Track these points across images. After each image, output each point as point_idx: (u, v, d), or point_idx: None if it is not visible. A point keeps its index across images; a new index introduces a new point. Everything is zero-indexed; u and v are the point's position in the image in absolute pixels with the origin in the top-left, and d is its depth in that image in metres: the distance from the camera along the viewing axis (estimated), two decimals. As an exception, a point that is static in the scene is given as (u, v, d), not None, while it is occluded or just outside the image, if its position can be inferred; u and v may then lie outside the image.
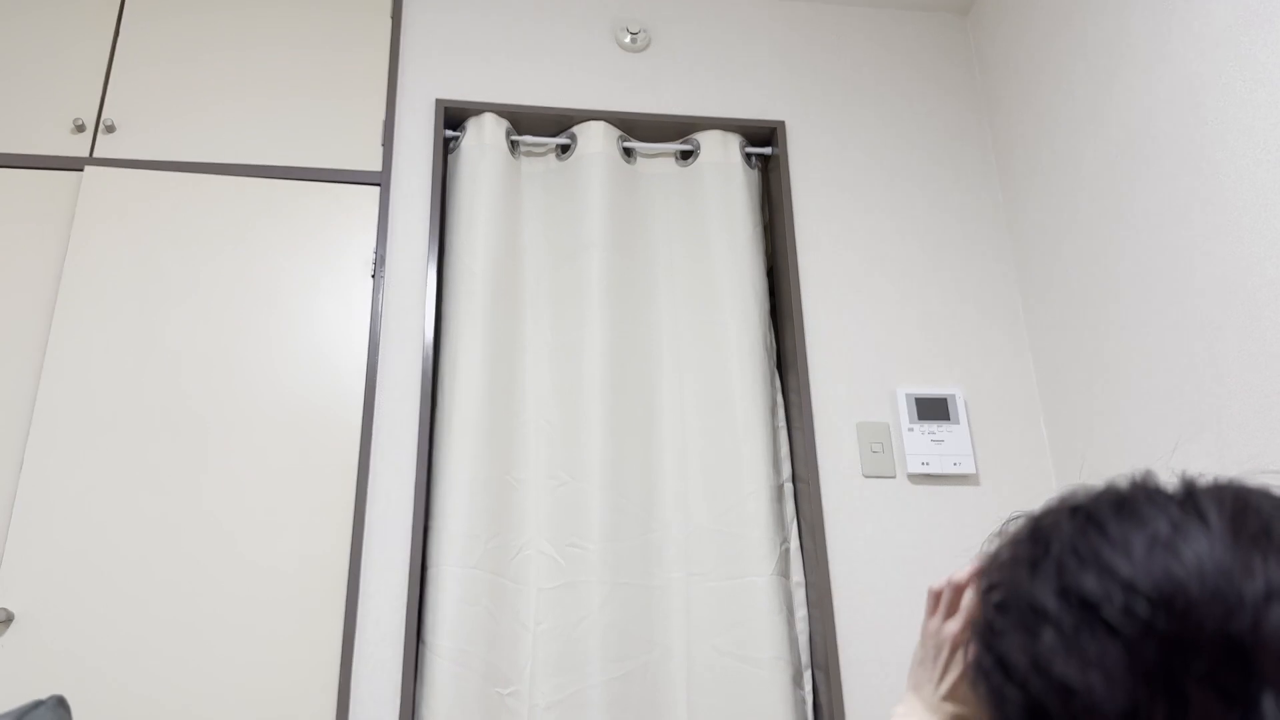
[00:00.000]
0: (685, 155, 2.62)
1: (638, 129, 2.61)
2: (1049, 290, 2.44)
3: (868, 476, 2.33)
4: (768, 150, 2.67)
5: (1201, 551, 0.53)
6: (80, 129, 2.37)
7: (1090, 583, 0.55)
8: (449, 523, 2.14)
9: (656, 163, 2.62)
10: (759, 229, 2.56)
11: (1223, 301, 1.87)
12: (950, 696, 0.82)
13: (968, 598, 0.81)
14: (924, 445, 2.35)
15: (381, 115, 2.50)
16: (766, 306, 2.47)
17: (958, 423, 2.38)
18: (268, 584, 2.06)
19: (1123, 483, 0.61)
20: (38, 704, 1.02)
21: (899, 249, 2.58)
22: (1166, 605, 0.52)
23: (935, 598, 0.85)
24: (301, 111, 2.49)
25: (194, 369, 2.20)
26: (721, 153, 2.58)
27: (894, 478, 2.34)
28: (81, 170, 2.33)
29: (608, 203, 2.46)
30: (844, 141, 2.68)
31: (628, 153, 2.59)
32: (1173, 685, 0.50)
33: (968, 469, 2.34)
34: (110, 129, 2.39)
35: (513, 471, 2.24)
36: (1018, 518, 0.65)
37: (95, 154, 2.37)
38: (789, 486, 2.36)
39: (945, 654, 0.82)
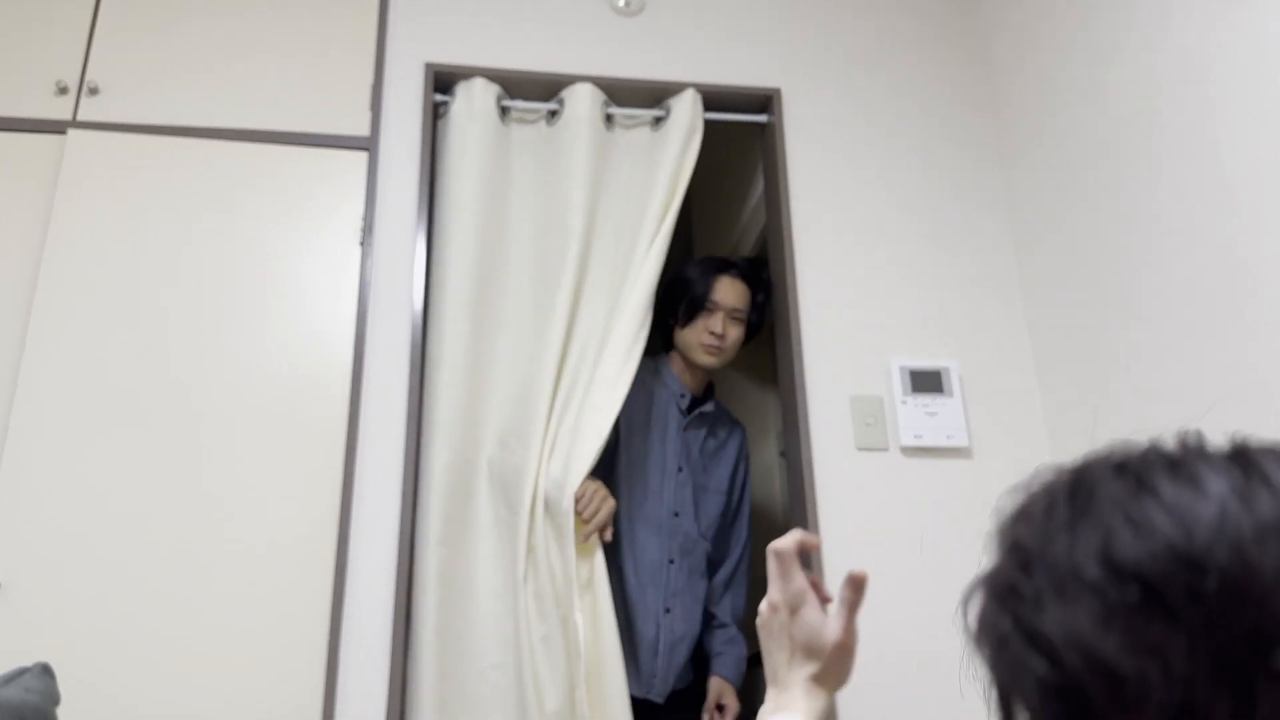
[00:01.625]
0: (658, 121, 2.56)
1: (629, 95, 2.57)
2: (1046, 264, 2.43)
3: (860, 449, 2.32)
4: (763, 118, 2.64)
5: (1274, 523, 0.46)
6: (63, 91, 2.33)
7: (1144, 555, 0.47)
8: (431, 500, 2.14)
9: (636, 128, 2.56)
10: (679, 196, 2.46)
11: (1221, 276, 1.86)
12: (795, 659, 0.90)
13: (771, 560, 0.91)
14: (918, 418, 2.34)
15: (369, 79, 2.46)
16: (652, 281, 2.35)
17: (952, 396, 2.37)
18: (255, 553, 2.05)
19: (1170, 442, 0.54)
20: (23, 670, 1.00)
21: (895, 220, 2.55)
22: (1239, 588, 0.44)
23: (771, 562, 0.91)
24: (288, 74, 2.44)
25: (179, 337, 2.17)
26: (690, 115, 2.51)
27: (887, 451, 2.33)
28: (64, 133, 2.29)
29: (588, 169, 2.42)
30: (841, 110, 2.64)
31: (610, 119, 2.55)
32: (1240, 680, 0.43)
33: (961, 442, 2.33)
34: (94, 91, 2.34)
35: (481, 447, 2.23)
36: (1042, 474, 0.57)
37: (79, 117, 2.32)
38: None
39: (773, 619, 0.91)
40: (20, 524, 1.99)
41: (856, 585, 0.91)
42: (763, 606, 0.94)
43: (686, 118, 2.50)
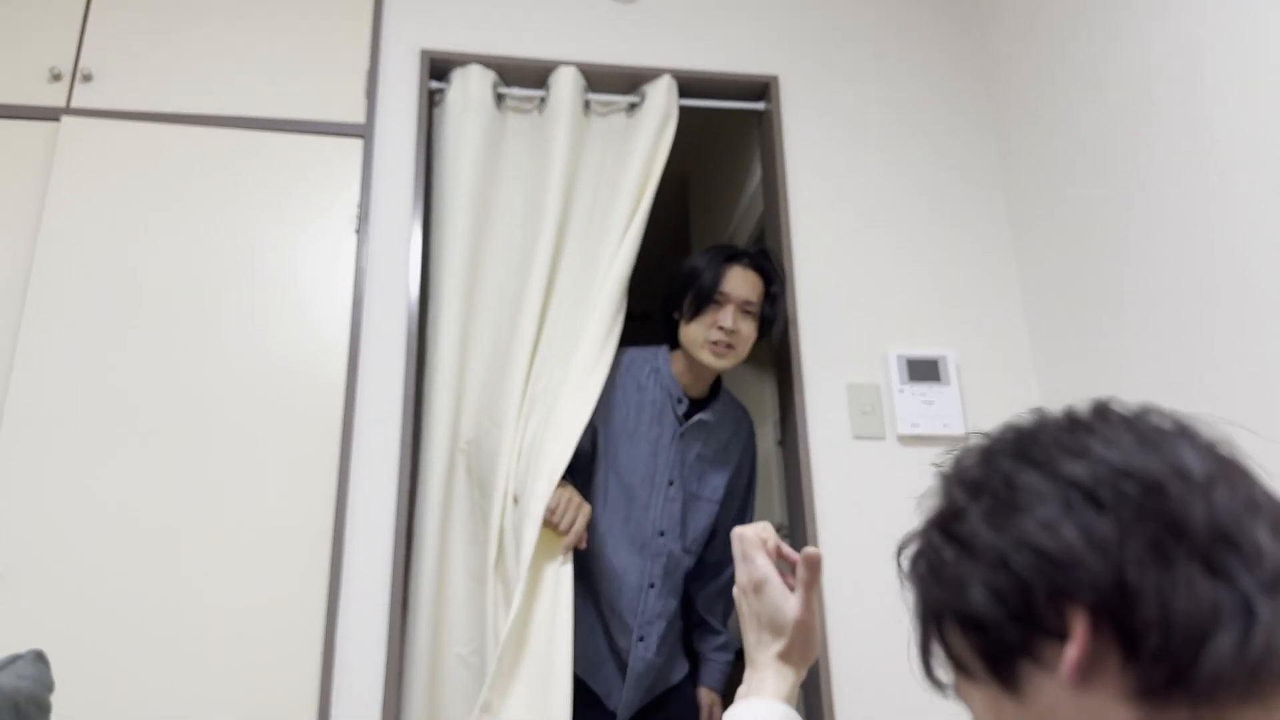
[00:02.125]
0: (632, 107, 2.54)
1: (617, 81, 2.55)
2: (1043, 252, 2.42)
3: (857, 438, 2.32)
4: (760, 106, 2.63)
5: (1189, 456, 0.57)
6: (57, 78, 2.31)
7: (1080, 469, 0.56)
8: (429, 489, 2.14)
9: (612, 114, 2.54)
10: (653, 181, 2.42)
11: (1218, 265, 1.86)
12: (763, 637, 0.94)
13: (735, 543, 0.97)
14: (915, 407, 2.34)
15: (365, 66, 2.45)
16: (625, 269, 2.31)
17: (949, 384, 2.37)
18: (251, 541, 2.04)
19: (1094, 402, 0.64)
20: (16, 657, 1.00)
21: (892, 208, 2.55)
22: (1158, 490, 0.55)
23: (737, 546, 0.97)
24: (283, 61, 2.43)
25: (174, 325, 2.16)
26: (665, 101, 2.49)
27: (884, 439, 2.33)
28: (58, 120, 2.28)
29: (568, 156, 2.40)
30: (838, 98, 2.64)
31: (588, 105, 2.52)
32: (1162, 560, 0.52)
33: (957, 430, 2.33)
34: (88, 78, 2.33)
35: (473, 433, 2.22)
36: (978, 435, 0.66)
37: (72, 104, 2.31)
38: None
39: (744, 600, 0.96)
40: (16, 514, 1.99)
41: (811, 565, 0.93)
42: (734, 590, 0.98)
43: (661, 104, 2.47)
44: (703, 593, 2.34)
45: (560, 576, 2.01)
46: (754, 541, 0.98)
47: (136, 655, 1.94)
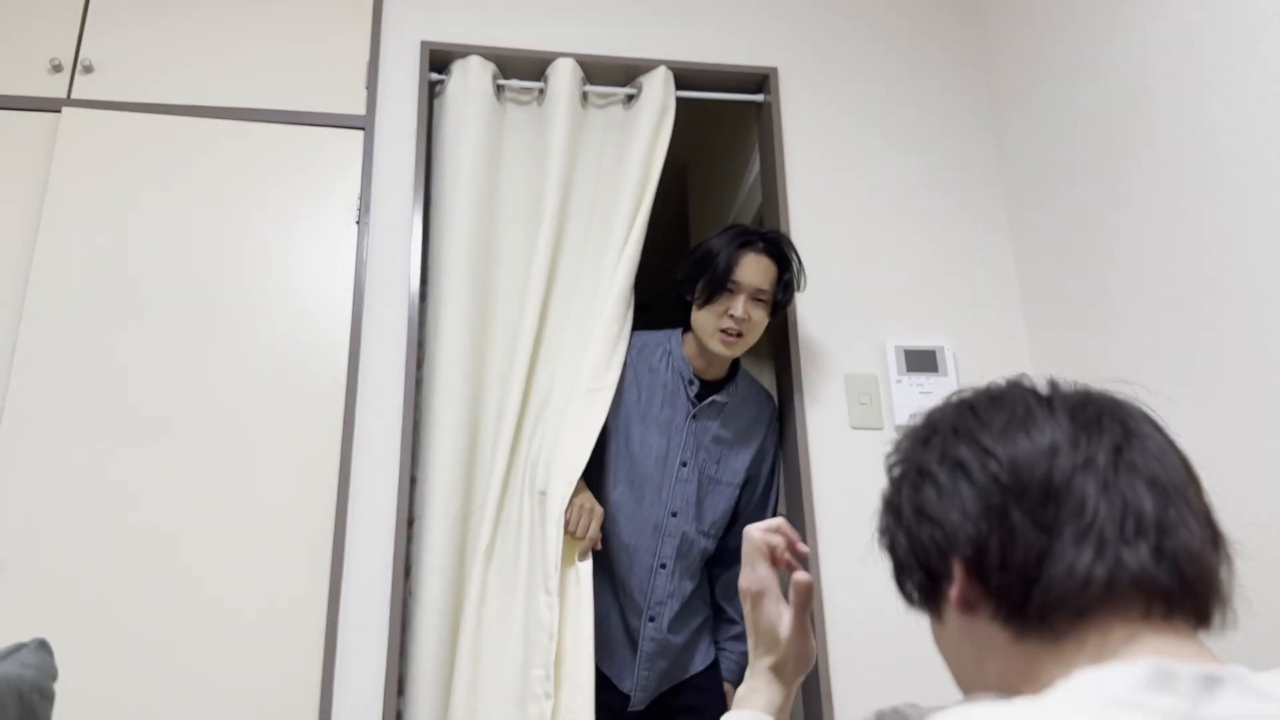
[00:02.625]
0: (630, 99, 2.55)
1: (622, 74, 2.56)
2: (1040, 244, 2.43)
3: (855, 428, 2.33)
4: (760, 98, 2.64)
5: (1044, 430, 0.72)
6: (57, 69, 2.32)
7: (962, 450, 0.74)
8: (434, 473, 2.14)
9: (609, 107, 2.55)
10: (655, 174, 2.43)
11: (1214, 254, 1.87)
12: (758, 649, 0.98)
13: (745, 545, 0.99)
14: (912, 397, 2.35)
15: (365, 58, 2.45)
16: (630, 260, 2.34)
17: (946, 375, 2.38)
18: (253, 531, 2.06)
19: (1002, 381, 0.80)
20: (20, 646, 1.01)
21: (890, 200, 2.55)
22: (1010, 463, 0.71)
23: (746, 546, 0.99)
24: (284, 53, 2.44)
25: (175, 315, 2.17)
26: (661, 93, 2.49)
27: (881, 429, 2.34)
28: (59, 112, 2.29)
29: (566, 147, 2.41)
30: (836, 90, 2.64)
31: (585, 97, 2.53)
32: (1006, 519, 0.70)
33: (955, 421, 2.34)
34: (88, 69, 2.33)
35: (479, 421, 2.24)
36: (918, 415, 0.83)
37: (73, 95, 2.32)
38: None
39: (745, 605, 0.98)
40: (18, 503, 2.00)
41: (801, 590, 0.95)
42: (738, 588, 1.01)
43: (658, 96, 2.48)
44: (722, 580, 2.32)
45: (580, 577, 2.07)
46: (759, 545, 0.99)
47: (137, 646, 1.95)
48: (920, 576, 0.77)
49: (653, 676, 2.17)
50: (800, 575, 0.95)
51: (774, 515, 2.33)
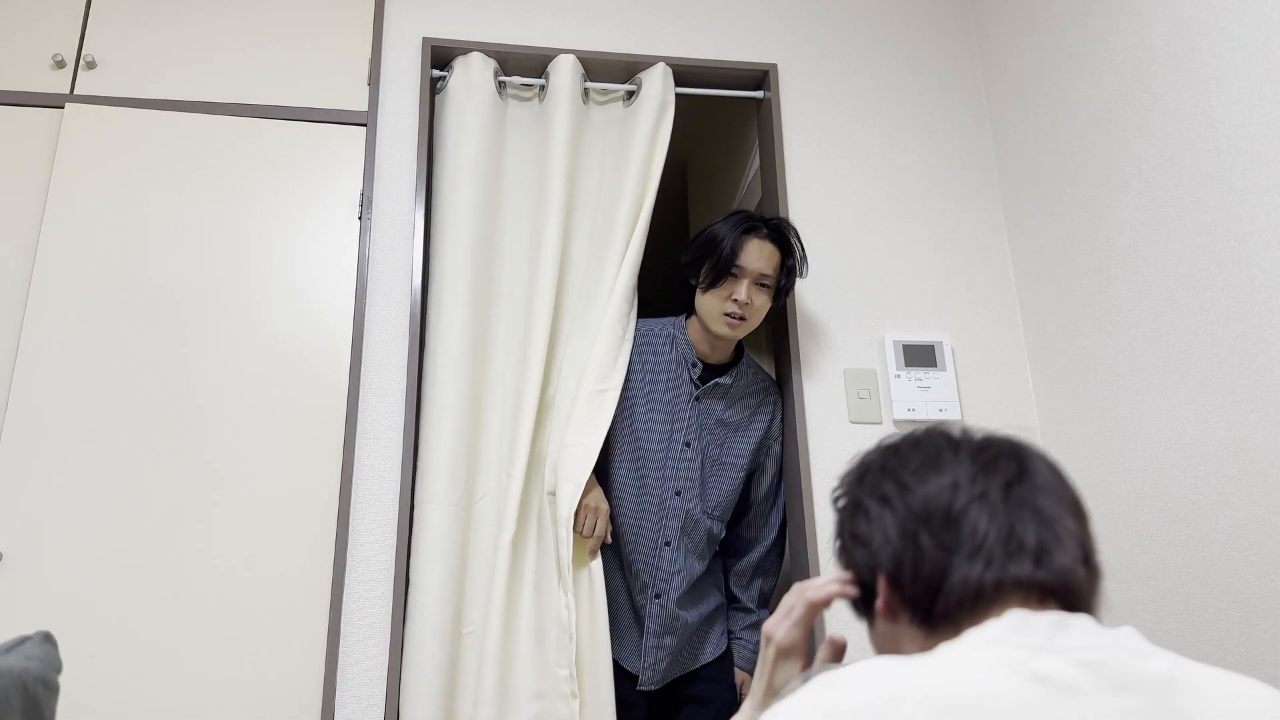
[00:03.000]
0: (630, 95, 2.56)
1: (623, 71, 2.57)
2: (1038, 238, 2.44)
3: (854, 422, 2.34)
4: (759, 94, 2.64)
5: (949, 469, 0.89)
6: (60, 65, 2.33)
7: (886, 486, 0.91)
8: (434, 460, 2.15)
9: (610, 103, 2.57)
10: (657, 169, 2.45)
11: (1211, 249, 1.87)
12: (767, 698, 1.03)
13: (800, 607, 1.03)
14: (911, 391, 2.36)
15: (367, 54, 2.46)
16: (634, 249, 2.37)
17: (944, 369, 2.39)
18: (256, 525, 2.07)
19: (922, 429, 0.96)
20: (24, 639, 1.02)
21: (889, 195, 2.56)
22: (923, 497, 0.88)
23: (792, 602, 1.05)
24: (286, 49, 2.45)
25: (179, 311, 2.19)
26: (661, 90, 2.51)
27: (880, 423, 2.35)
28: (62, 108, 2.30)
29: (569, 143, 2.43)
30: (835, 86, 2.65)
31: (586, 93, 2.55)
32: (916, 542, 0.86)
33: (953, 415, 2.36)
34: (91, 65, 2.34)
35: (483, 414, 2.25)
36: (855, 456, 1.00)
37: (76, 91, 2.33)
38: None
39: (768, 652, 1.03)
40: (21, 496, 2.02)
41: (835, 649, 1.02)
42: (764, 629, 1.06)
43: (656, 92, 2.49)
44: (734, 569, 2.35)
45: (592, 575, 2.13)
46: (809, 604, 1.01)
47: (140, 638, 1.97)
48: (860, 585, 0.92)
49: (661, 655, 2.18)
50: (837, 635, 1.01)
51: (783, 512, 2.36)
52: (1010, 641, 0.77)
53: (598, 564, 2.15)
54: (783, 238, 2.25)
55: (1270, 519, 1.72)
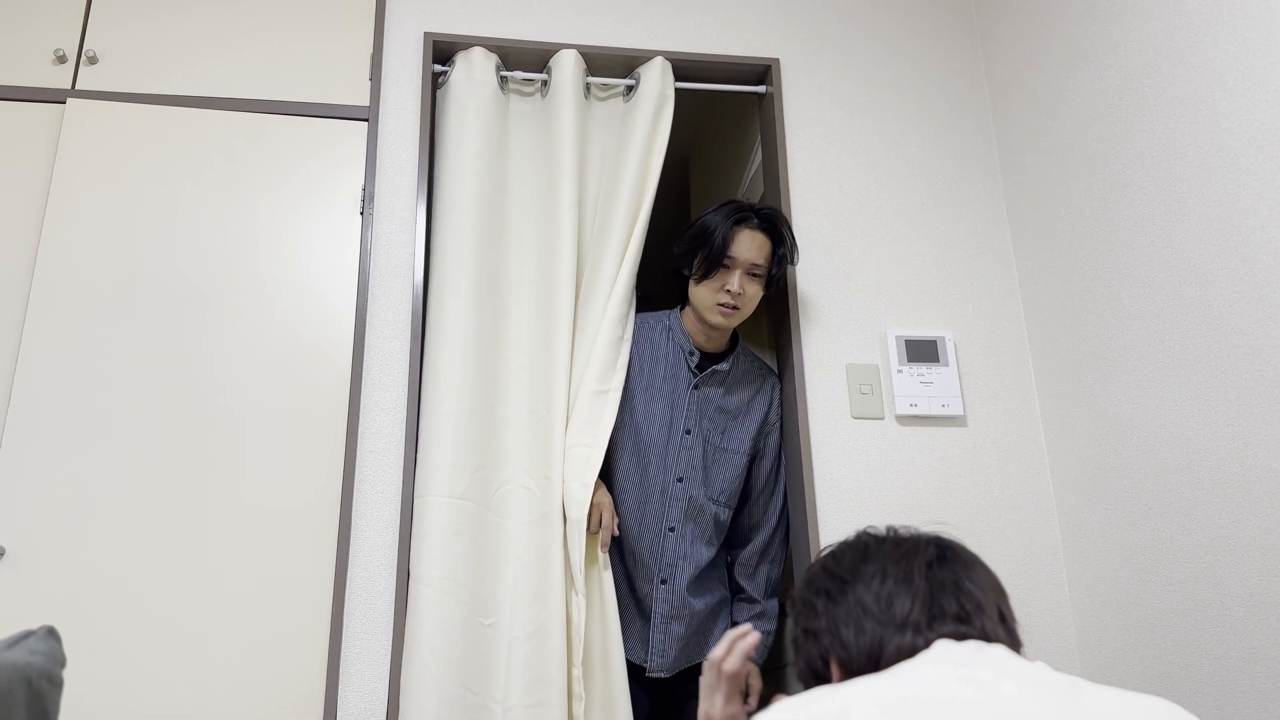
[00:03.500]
0: (630, 90, 2.55)
1: (624, 66, 2.56)
2: (1041, 233, 2.43)
3: (856, 418, 2.34)
4: (761, 89, 2.64)
5: (874, 560, 1.06)
6: (62, 60, 2.33)
7: (828, 584, 1.08)
8: (435, 453, 2.14)
9: (611, 99, 2.57)
10: (657, 166, 2.46)
11: (1215, 244, 1.87)
12: (712, 696, 1.23)
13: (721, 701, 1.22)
14: (913, 387, 2.36)
15: (369, 49, 2.46)
16: (632, 241, 2.38)
17: (947, 365, 2.39)
18: (258, 520, 2.07)
19: (859, 535, 1.13)
20: (28, 633, 1.02)
21: (891, 191, 2.56)
22: (855, 588, 1.05)
23: (714, 674, 1.24)
24: (288, 44, 2.44)
25: (181, 306, 2.19)
26: (660, 84, 2.51)
27: (882, 419, 2.35)
28: (64, 103, 2.30)
29: (575, 139, 2.43)
30: (838, 81, 2.64)
31: (589, 88, 2.55)
32: (857, 625, 1.02)
33: (956, 411, 2.35)
34: (93, 60, 2.34)
35: (498, 407, 2.24)
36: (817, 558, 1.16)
37: (78, 86, 2.33)
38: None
39: (720, 683, 1.22)
40: (23, 492, 2.02)
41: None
42: (702, 713, 1.24)
43: (655, 87, 2.49)
44: (739, 559, 2.36)
45: (602, 572, 2.16)
46: (730, 677, 1.23)
47: (144, 631, 1.97)
48: (814, 675, 1.06)
49: (670, 641, 2.19)
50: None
51: (784, 498, 2.37)
52: (940, 661, 0.91)
53: (606, 562, 2.17)
54: (773, 227, 2.30)
55: (1273, 513, 1.72)
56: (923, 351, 2.39)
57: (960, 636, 0.97)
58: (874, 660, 0.97)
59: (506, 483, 2.19)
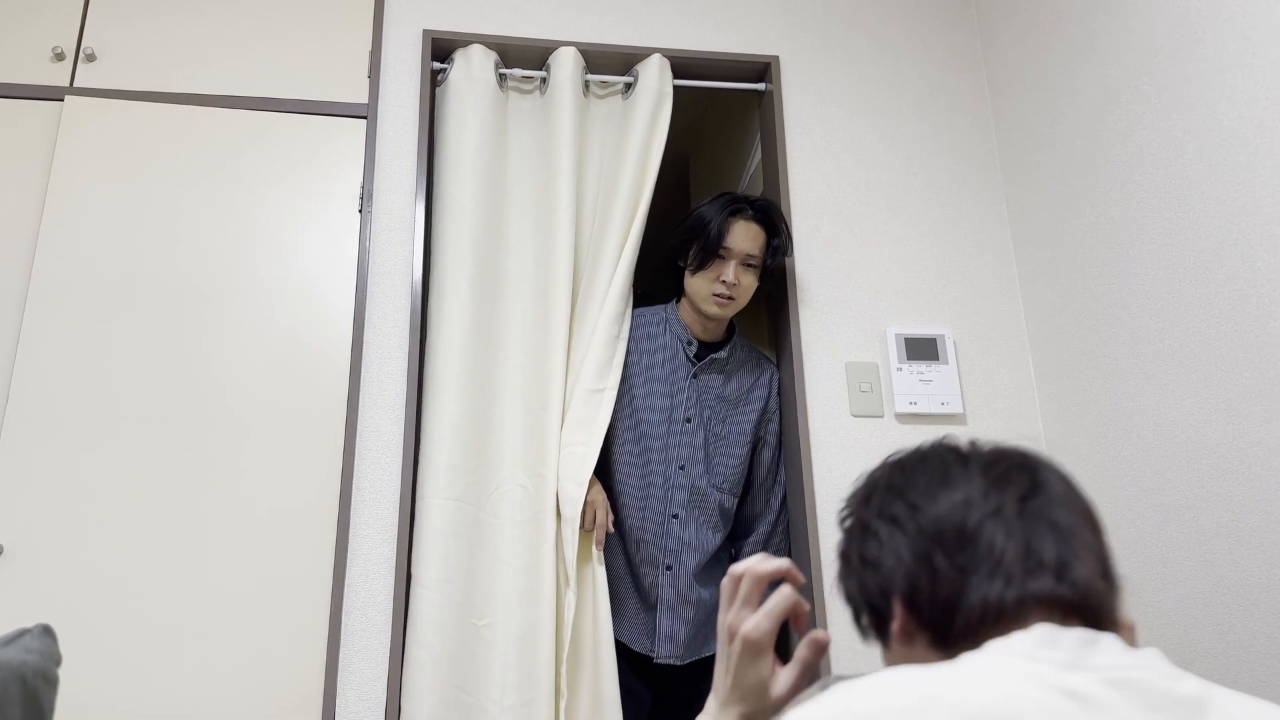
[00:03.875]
0: (628, 88, 2.56)
1: (623, 63, 2.56)
2: (1040, 231, 2.43)
3: (855, 416, 2.34)
4: (760, 86, 2.63)
5: (960, 485, 0.85)
6: (60, 57, 2.33)
7: (895, 508, 0.87)
8: (434, 455, 2.15)
9: (610, 97, 2.57)
10: (655, 164, 2.46)
11: (1215, 241, 1.87)
12: (733, 696, 0.92)
13: (776, 598, 0.92)
14: (913, 385, 2.35)
15: (368, 46, 2.46)
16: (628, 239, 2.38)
17: (946, 363, 2.38)
18: (257, 517, 2.07)
19: (928, 443, 0.92)
20: (23, 631, 1.02)
21: (891, 188, 2.56)
22: (935, 516, 0.84)
23: (734, 584, 0.95)
24: (286, 42, 2.44)
25: (179, 303, 2.18)
26: (657, 81, 2.51)
27: (882, 417, 2.35)
28: (62, 100, 2.29)
29: (574, 137, 2.42)
30: (838, 78, 2.64)
31: (588, 86, 2.55)
32: (930, 563, 0.82)
33: (955, 409, 2.35)
34: (90, 58, 2.34)
35: (495, 407, 2.24)
36: (860, 475, 0.94)
37: (76, 83, 2.32)
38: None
39: (733, 647, 0.92)
40: (22, 489, 2.02)
41: (818, 649, 0.91)
42: (721, 627, 0.96)
43: (653, 84, 2.49)
44: (743, 549, 2.36)
45: (595, 571, 2.16)
46: (756, 578, 0.94)
47: (142, 628, 1.97)
48: (870, 615, 0.87)
49: (677, 627, 2.18)
50: (821, 633, 0.91)
51: (785, 487, 2.37)
52: (1037, 656, 0.74)
53: (600, 559, 2.17)
54: (768, 218, 2.33)
55: (1273, 512, 1.72)
56: (922, 349, 2.38)
57: (1058, 602, 0.79)
58: (949, 611, 0.80)
59: (504, 483, 2.19)
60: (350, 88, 2.42)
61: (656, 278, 3.11)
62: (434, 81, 2.50)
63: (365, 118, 2.39)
